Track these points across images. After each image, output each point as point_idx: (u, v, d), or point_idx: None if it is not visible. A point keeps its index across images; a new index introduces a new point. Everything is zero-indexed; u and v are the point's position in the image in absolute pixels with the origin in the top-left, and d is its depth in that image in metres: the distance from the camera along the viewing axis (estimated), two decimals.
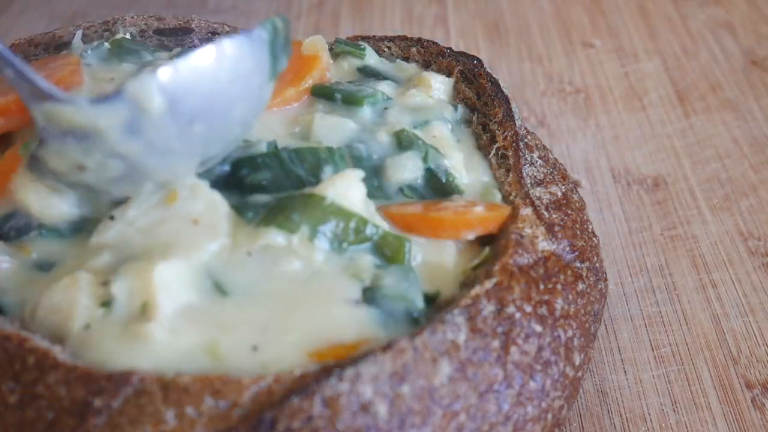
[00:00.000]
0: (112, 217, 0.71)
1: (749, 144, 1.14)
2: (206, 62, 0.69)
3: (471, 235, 0.75)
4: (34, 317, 0.67)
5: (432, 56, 0.99)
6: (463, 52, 0.98)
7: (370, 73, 0.95)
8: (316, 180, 0.75)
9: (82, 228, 0.74)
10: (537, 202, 0.79)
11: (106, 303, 0.66)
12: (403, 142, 0.82)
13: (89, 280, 0.67)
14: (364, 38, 1.03)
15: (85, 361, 0.63)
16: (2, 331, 0.65)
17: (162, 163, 0.70)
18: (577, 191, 0.87)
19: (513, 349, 0.68)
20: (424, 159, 0.81)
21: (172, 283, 0.66)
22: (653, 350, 0.87)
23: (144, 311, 0.65)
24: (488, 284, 0.69)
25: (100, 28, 1.02)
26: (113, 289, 0.66)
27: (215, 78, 0.70)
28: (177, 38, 1.03)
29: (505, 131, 0.86)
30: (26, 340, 0.64)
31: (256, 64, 0.73)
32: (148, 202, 0.72)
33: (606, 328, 0.89)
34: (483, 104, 0.91)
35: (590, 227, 0.84)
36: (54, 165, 0.69)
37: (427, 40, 1.00)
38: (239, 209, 0.73)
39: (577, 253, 0.77)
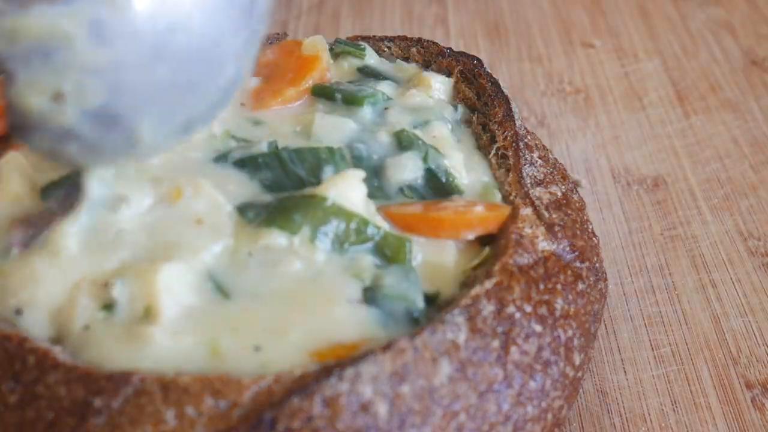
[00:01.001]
0: (114, 215, 0.71)
1: (749, 144, 1.14)
2: None
3: (471, 235, 0.75)
4: None
5: (432, 56, 0.98)
6: (463, 52, 0.98)
7: (370, 73, 0.95)
8: (317, 180, 0.75)
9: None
10: (537, 202, 0.79)
11: (108, 306, 0.66)
12: (403, 142, 0.82)
13: (90, 280, 0.67)
14: (364, 38, 1.03)
15: (85, 361, 0.63)
16: (2, 331, 0.65)
17: (144, 96, 0.66)
18: (577, 191, 0.87)
19: (513, 349, 0.68)
20: (424, 159, 0.81)
21: (175, 286, 0.66)
22: (653, 350, 0.87)
23: (147, 315, 0.65)
24: (488, 284, 0.69)
25: None
26: (115, 292, 0.66)
27: None
28: None
29: (505, 131, 0.86)
30: (26, 340, 0.64)
31: None
32: (149, 199, 0.72)
33: (606, 328, 0.89)
34: (483, 104, 0.91)
35: (590, 227, 0.84)
36: (30, 102, 0.63)
37: (427, 40, 1.00)
38: (240, 209, 0.73)
39: (577, 253, 0.77)
